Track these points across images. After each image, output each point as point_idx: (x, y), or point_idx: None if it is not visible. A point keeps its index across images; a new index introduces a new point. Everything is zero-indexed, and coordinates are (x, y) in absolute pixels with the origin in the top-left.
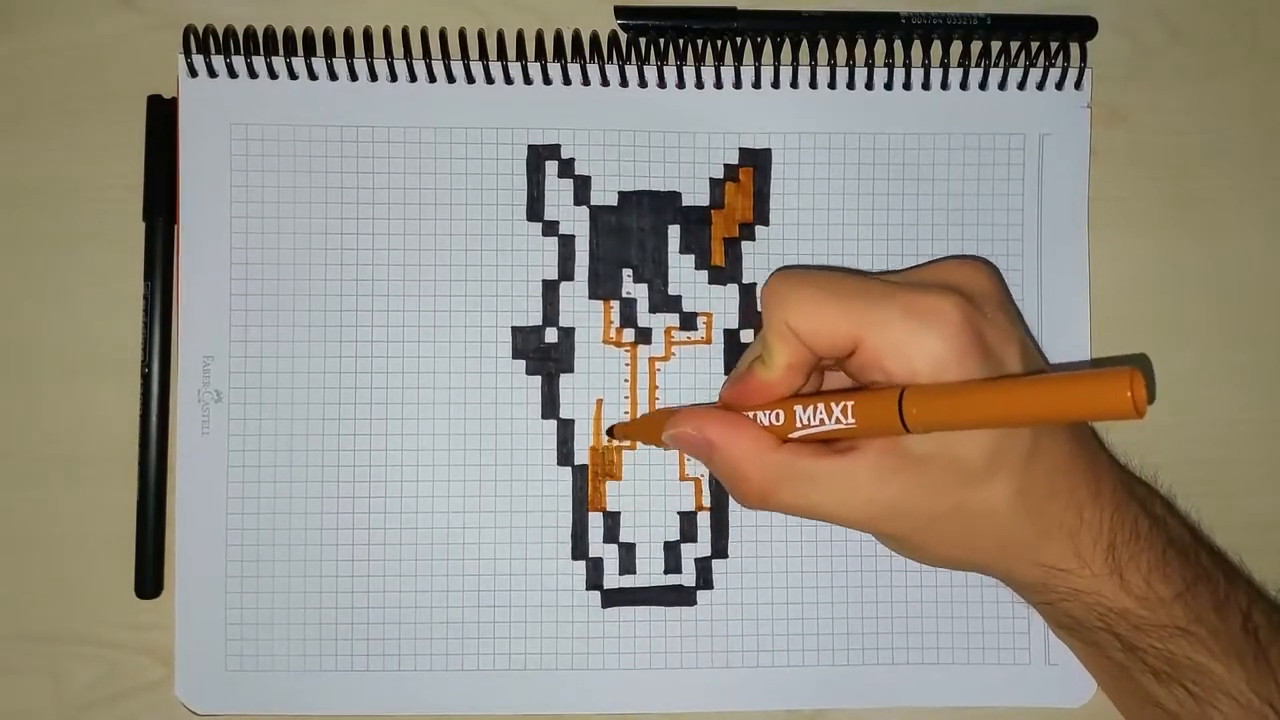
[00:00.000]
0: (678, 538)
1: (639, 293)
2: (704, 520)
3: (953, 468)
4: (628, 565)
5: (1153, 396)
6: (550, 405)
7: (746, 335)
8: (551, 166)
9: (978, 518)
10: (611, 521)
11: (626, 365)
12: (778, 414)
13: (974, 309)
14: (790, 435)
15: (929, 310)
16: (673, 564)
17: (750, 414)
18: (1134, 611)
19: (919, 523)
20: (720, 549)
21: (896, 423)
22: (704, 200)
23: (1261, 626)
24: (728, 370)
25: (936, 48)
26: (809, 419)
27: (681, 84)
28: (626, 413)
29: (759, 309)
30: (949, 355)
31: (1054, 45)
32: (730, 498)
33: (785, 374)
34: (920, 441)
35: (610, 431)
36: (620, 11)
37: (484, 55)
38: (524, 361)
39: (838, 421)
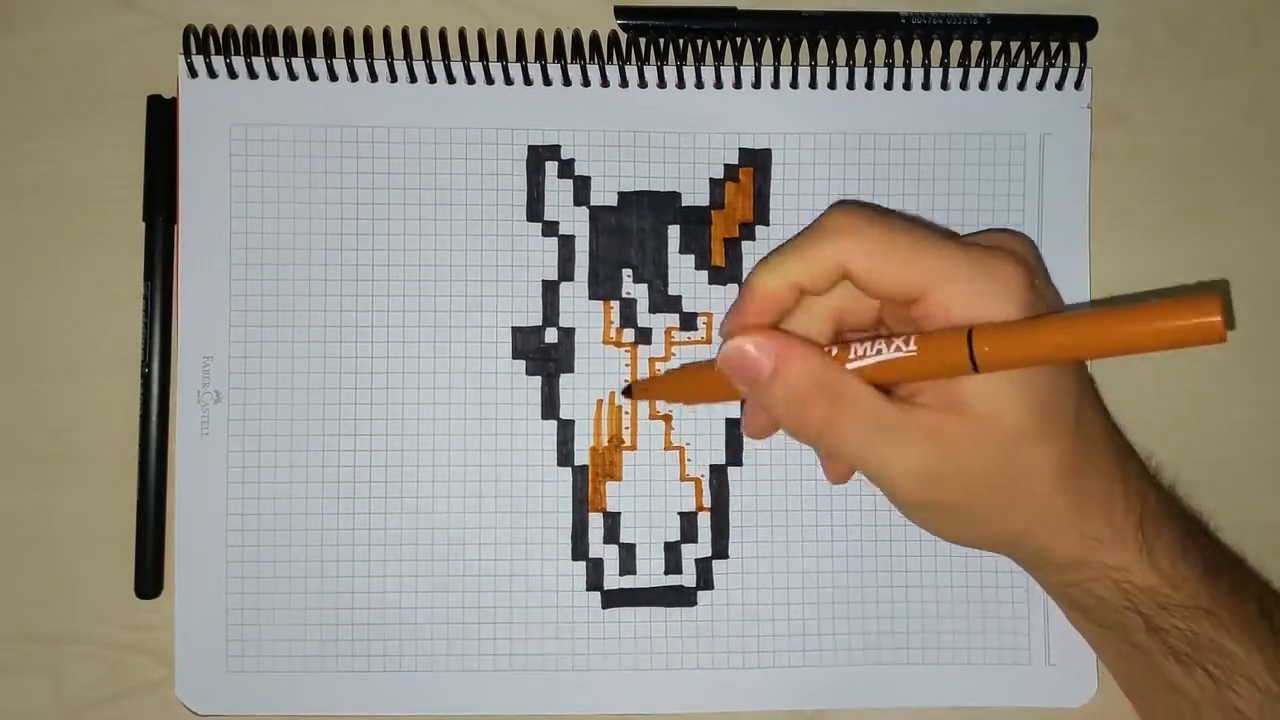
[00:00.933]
0: (678, 538)
1: (639, 293)
2: (704, 521)
3: (1008, 426)
4: (628, 566)
5: (1232, 324)
6: (550, 405)
7: None
8: (551, 167)
9: (1027, 483)
10: (612, 522)
11: (626, 365)
12: (831, 349)
13: (1033, 272)
14: (847, 365)
15: (999, 270)
16: (673, 564)
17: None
18: (1160, 590)
19: (969, 486)
20: (721, 549)
21: (964, 360)
22: (704, 200)
23: (1275, 612)
24: None
25: (936, 48)
26: (866, 350)
27: (681, 84)
28: (627, 413)
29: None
30: (1014, 310)
31: (1054, 45)
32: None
33: (789, 289)
34: (979, 399)
35: (628, 391)
36: (620, 11)
37: (484, 55)
38: (524, 362)
39: (898, 350)
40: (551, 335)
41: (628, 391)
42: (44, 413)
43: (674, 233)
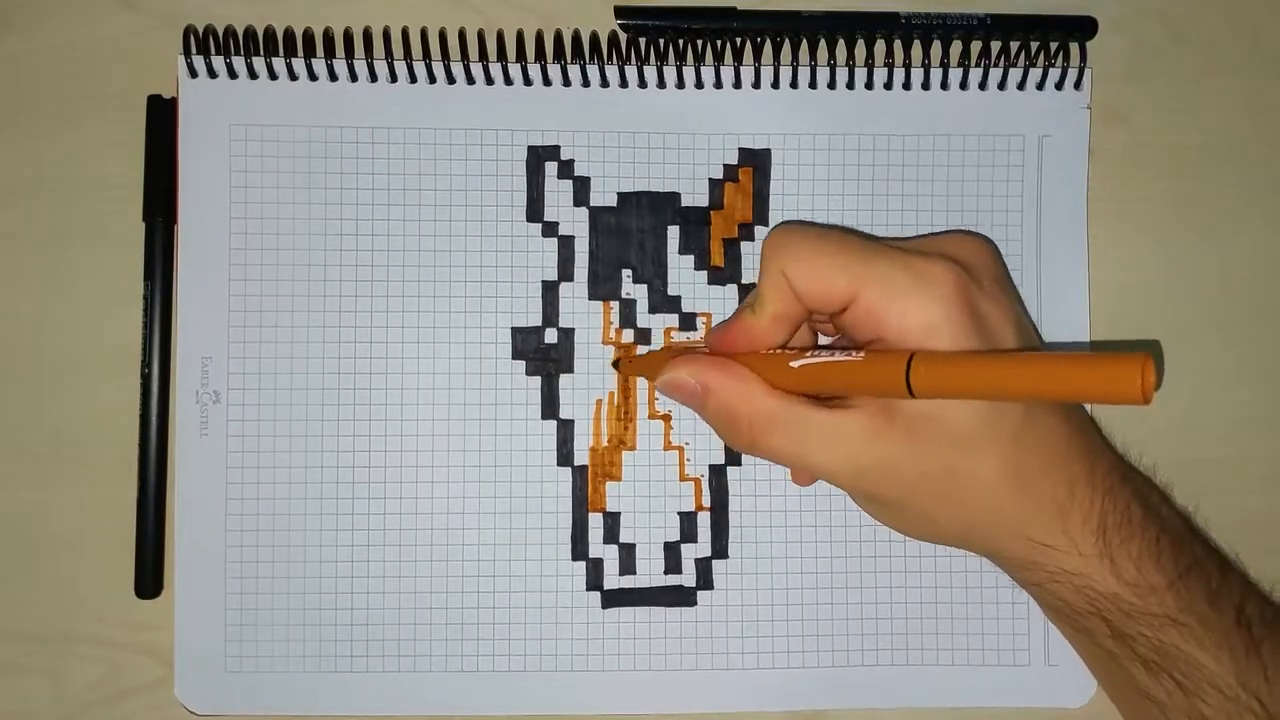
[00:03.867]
0: (678, 538)
1: (638, 293)
2: (704, 520)
3: (945, 433)
4: (628, 566)
5: (1160, 384)
6: (550, 406)
7: None
8: (551, 167)
9: (966, 486)
10: (611, 522)
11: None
12: (778, 349)
13: (971, 280)
14: (791, 363)
15: (925, 273)
16: (673, 564)
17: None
18: (1124, 597)
19: (906, 485)
20: (720, 549)
21: (901, 384)
22: (703, 201)
23: (1255, 620)
24: None
25: (936, 48)
26: (816, 352)
27: (681, 84)
28: (627, 413)
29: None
30: (941, 320)
31: (1054, 45)
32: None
33: (771, 323)
34: (914, 404)
35: (616, 364)
36: (620, 11)
37: (484, 56)
38: (524, 362)
39: (846, 355)
40: (551, 335)
41: (616, 364)
42: (44, 413)
43: (673, 233)
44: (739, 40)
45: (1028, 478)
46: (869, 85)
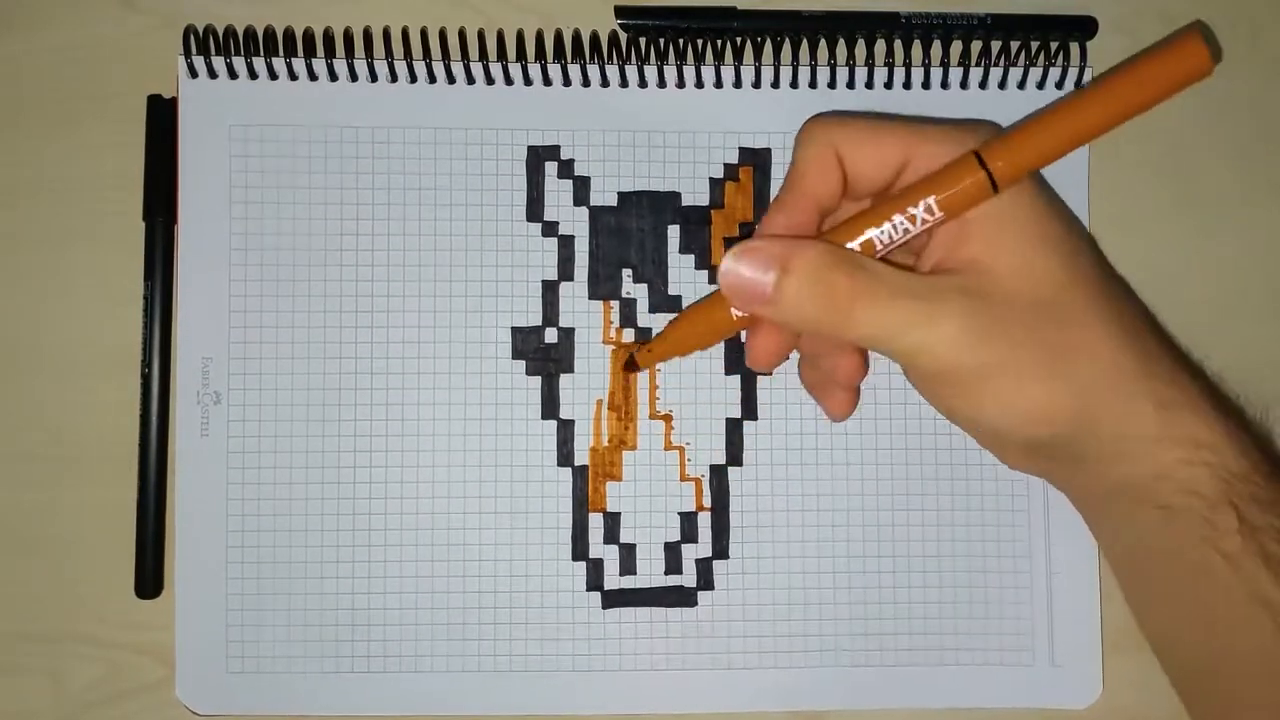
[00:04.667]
0: (678, 538)
1: (639, 293)
2: (704, 521)
3: (1041, 277)
4: (628, 566)
5: (1219, 55)
6: (550, 406)
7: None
8: (551, 167)
9: (1079, 334)
10: (612, 522)
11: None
12: (854, 244)
13: None
14: (867, 229)
15: (971, 130)
16: (673, 565)
17: None
18: (1256, 479)
19: (1012, 341)
20: (721, 549)
21: (984, 183)
22: (704, 200)
23: None
24: (728, 370)
25: (936, 47)
26: (888, 237)
27: (681, 84)
28: (627, 413)
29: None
30: None
31: (1054, 45)
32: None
33: (810, 203)
34: (999, 260)
35: (630, 364)
36: (620, 11)
37: (484, 55)
38: (524, 362)
39: (924, 221)
40: (551, 335)
41: (630, 365)
42: (44, 413)
43: (674, 232)
44: (739, 40)
45: (1131, 325)
46: (869, 85)
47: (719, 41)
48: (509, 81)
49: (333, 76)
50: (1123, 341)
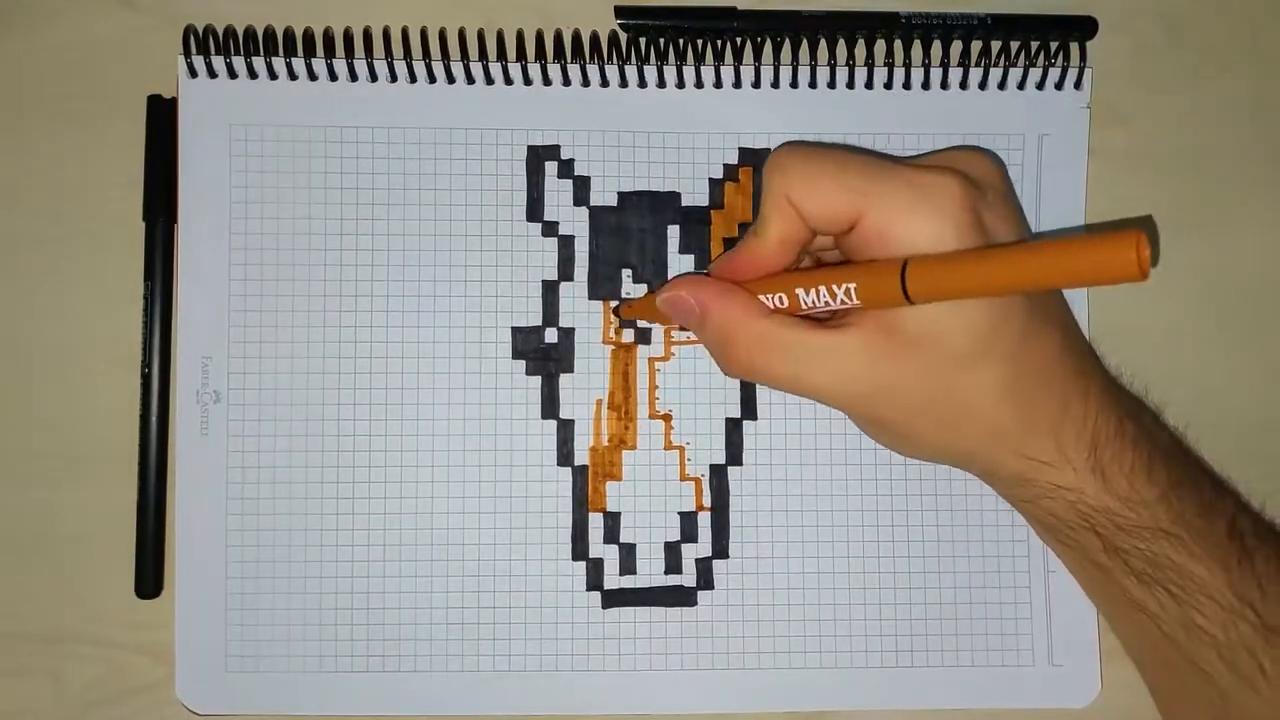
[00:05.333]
0: (678, 538)
1: (639, 293)
2: (704, 520)
3: (942, 349)
4: (628, 566)
5: (1157, 260)
6: (550, 405)
7: None
8: (551, 167)
9: (963, 402)
10: (612, 522)
11: (626, 365)
12: (780, 297)
13: (976, 191)
14: (791, 288)
15: (931, 186)
16: (673, 564)
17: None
18: (1116, 511)
19: (904, 404)
20: (721, 549)
21: (899, 294)
22: (704, 200)
23: (1247, 533)
24: None
25: (936, 48)
26: (812, 302)
27: (681, 84)
28: (627, 413)
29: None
30: (949, 232)
31: (1054, 45)
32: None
33: (777, 247)
34: (912, 322)
35: (617, 310)
36: (620, 11)
37: (484, 55)
38: (524, 362)
39: (842, 303)
40: (551, 335)
41: (617, 311)
42: (44, 412)
43: (674, 233)
44: (739, 40)
45: (1024, 395)
46: (869, 85)
47: (719, 41)
48: (509, 81)
49: (333, 76)
50: (1004, 409)
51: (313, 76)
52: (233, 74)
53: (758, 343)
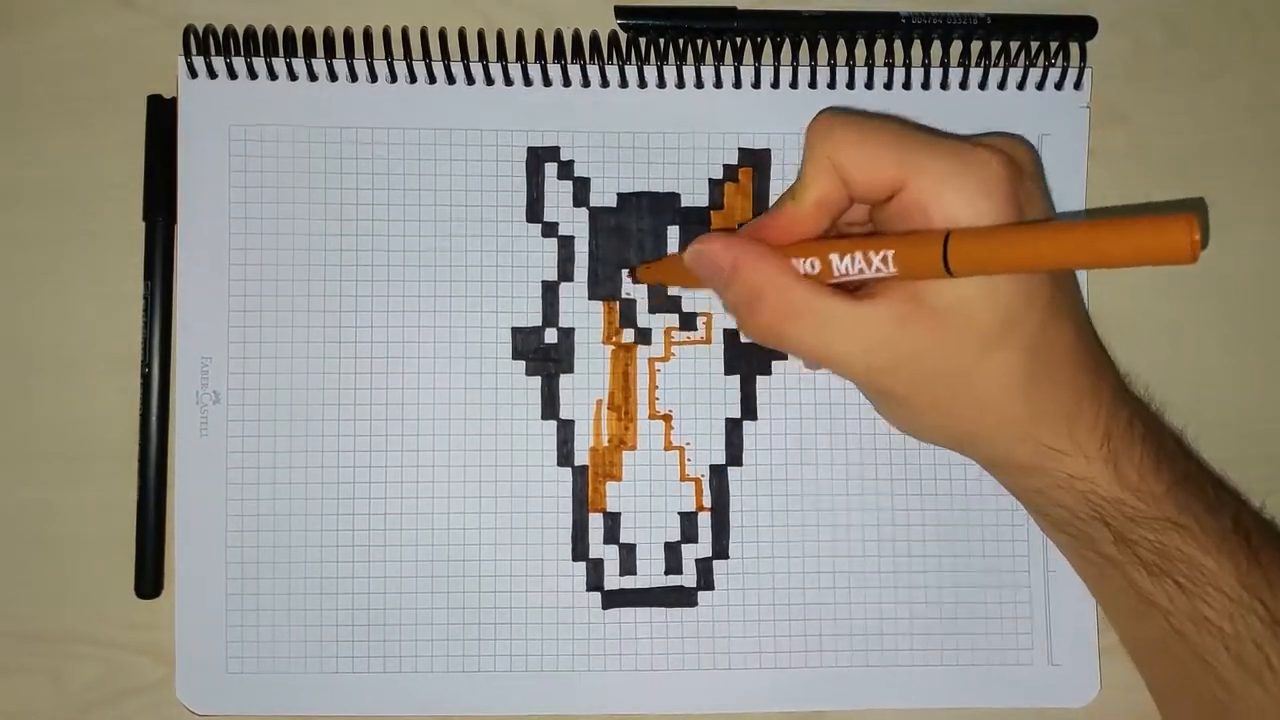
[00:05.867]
0: (678, 538)
1: (638, 293)
2: (705, 521)
3: (967, 327)
4: (628, 566)
5: (1206, 243)
6: (550, 406)
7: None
8: (551, 168)
9: (981, 383)
10: (612, 522)
11: (626, 365)
12: (813, 262)
13: (1017, 171)
14: (829, 254)
15: (976, 161)
16: (673, 565)
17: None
18: (1127, 502)
19: (921, 380)
20: (721, 550)
21: (939, 265)
22: (703, 201)
23: (1253, 531)
24: (728, 370)
25: (936, 48)
26: (846, 268)
27: (681, 84)
28: (627, 413)
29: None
30: (989, 209)
31: (1054, 45)
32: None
33: (814, 210)
34: (940, 295)
35: (633, 273)
36: (620, 11)
37: (484, 55)
38: (524, 362)
39: (878, 271)
40: (551, 335)
41: (633, 275)
42: (44, 413)
43: (673, 233)
44: (739, 40)
45: (1040, 381)
46: (869, 85)
47: (719, 41)
48: (509, 82)
49: (333, 77)
50: (1022, 395)
51: (313, 77)
52: (233, 74)
53: (784, 306)
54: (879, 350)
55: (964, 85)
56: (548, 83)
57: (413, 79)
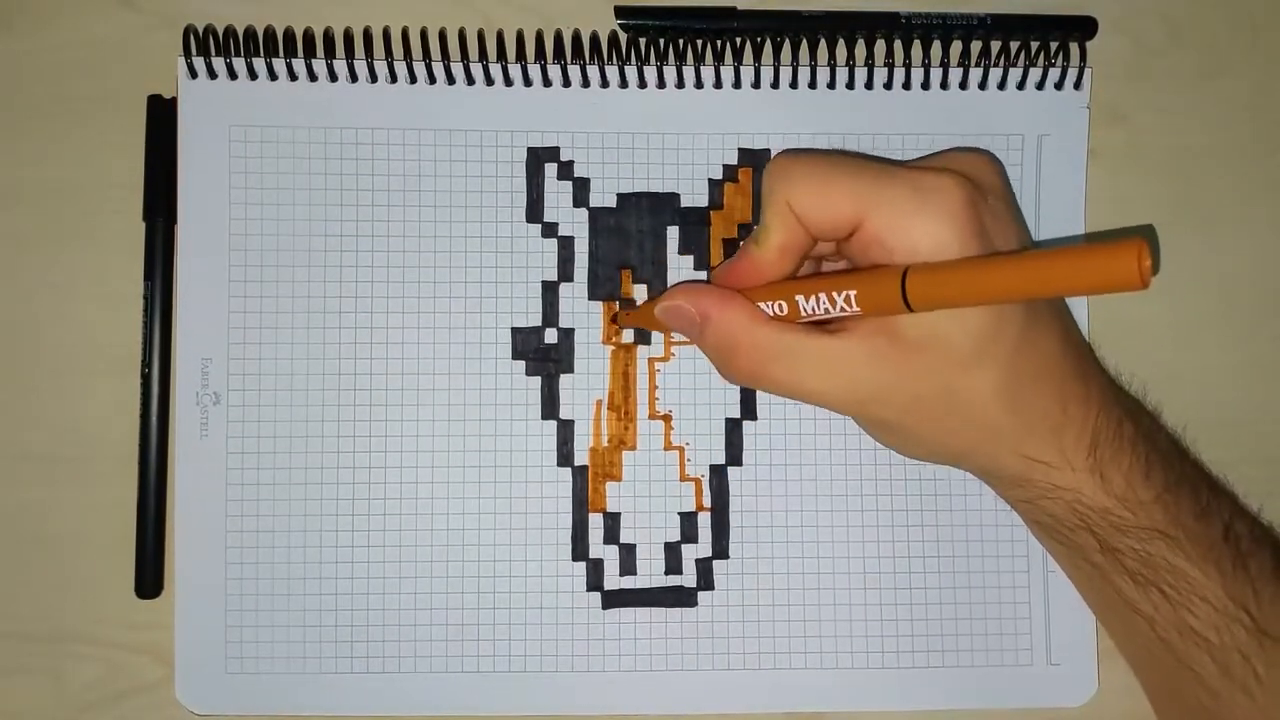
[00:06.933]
0: (678, 538)
1: (638, 293)
2: (704, 521)
3: (942, 353)
4: (628, 566)
5: (1157, 268)
6: (550, 406)
7: None
8: (551, 169)
9: (964, 404)
10: (612, 522)
11: (627, 365)
12: (780, 305)
13: (978, 193)
14: (791, 295)
15: (933, 189)
16: (673, 565)
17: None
18: (1113, 512)
19: (905, 406)
20: (721, 550)
21: (899, 302)
22: (703, 201)
23: (1243, 537)
24: None
25: (936, 48)
26: (813, 309)
27: (681, 84)
28: (627, 413)
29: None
30: (951, 235)
31: (1054, 45)
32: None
33: (778, 255)
34: (912, 326)
35: (615, 320)
36: (620, 11)
37: (484, 56)
38: (524, 362)
39: (842, 310)
40: (551, 336)
41: (616, 320)
42: (44, 413)
43: (673, 233)
44: (739, 40)
45: (1024, 396)
46: (869, 85)
47: (719, 42)
48: (509, 82)
49: (333, 77)
50: (1003, 410)
51: (313, 77)
52: (233, 75)
53: (758, 350)
54: (856, 384)
55: (964, 85)
56: (548, 83)
57: (413, 79)
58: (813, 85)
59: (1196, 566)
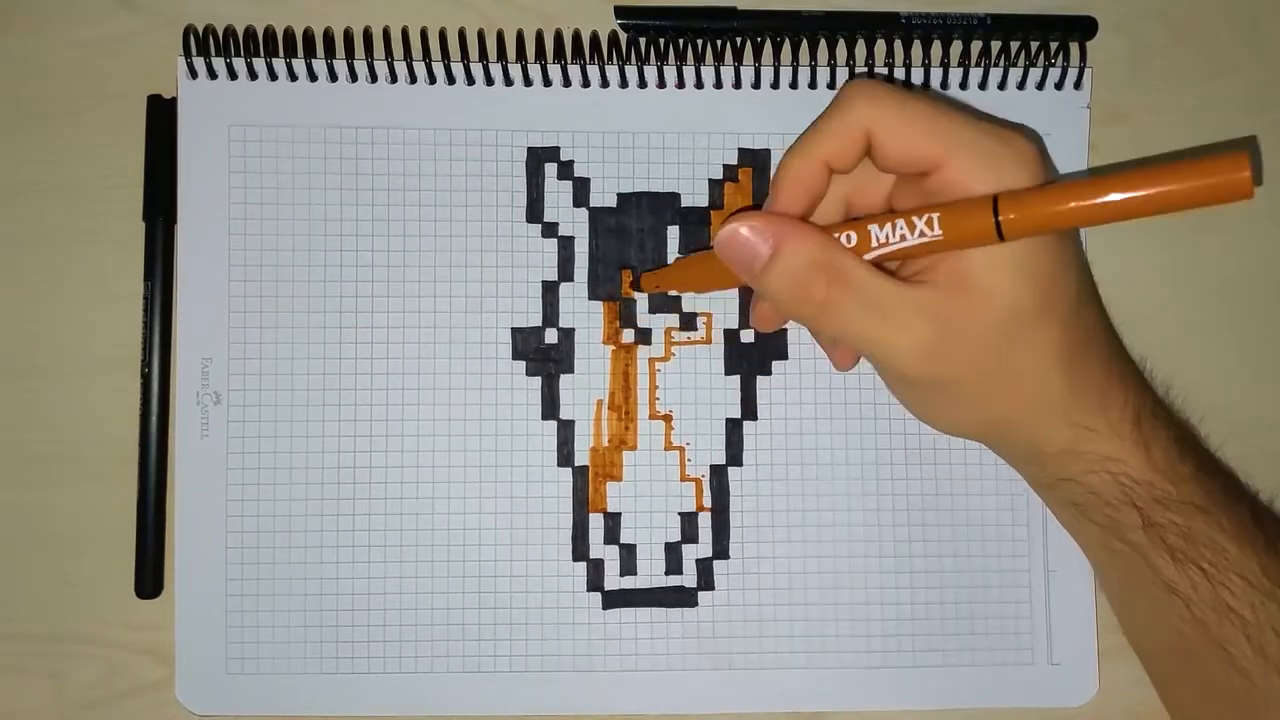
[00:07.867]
0: (679, 539)
1: (638, 294)
2: (705, 521)
3: (1011, 304)
4: (629, 566)
5: (1259, 179)
6: (550, 406)
7: (747, 335)
8: (551, 168)
9: (1021, 361)
10: (612, 523)
11: (627, 365)
12: (849, 235)
13: (1047, 156)
14: (868, 253)
15: (1015, 142)
16: (674, 565)
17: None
18: (1156, 485)
19: (964, 363)
20: (721, 550)
21: (990, 228)
22: (703, 201)
23: (1270, 521)
24: (728, 370)
25: (936, 48)
26: (886, 236)
27: (681, 84)
28: (628, 413)
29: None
30: (1032, 183)
31: (1054, 45)
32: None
33: (819, 167)
34: (980, 276)
35: (637, 284)
36: (620, 11)
37: (484, 56)
38: (524, 362)
39: (921, 235)
40: (551, 336)
41: (635, 284)
42: (44, 413)
43: (673, 233)
44: (739, 40)
45: (1077, 358)
46: None
47: (719, 42)
48: (509, 82)
49: (333, 77)
50: (1059, 372)
51: (313, 77)
52: (232, 74)
53: (840, 290)
54: (926, 335)
55: (964, 85)
56: (547, 83)
57: (413, 79)
58: (813, 85)
59: (1234, 541)
